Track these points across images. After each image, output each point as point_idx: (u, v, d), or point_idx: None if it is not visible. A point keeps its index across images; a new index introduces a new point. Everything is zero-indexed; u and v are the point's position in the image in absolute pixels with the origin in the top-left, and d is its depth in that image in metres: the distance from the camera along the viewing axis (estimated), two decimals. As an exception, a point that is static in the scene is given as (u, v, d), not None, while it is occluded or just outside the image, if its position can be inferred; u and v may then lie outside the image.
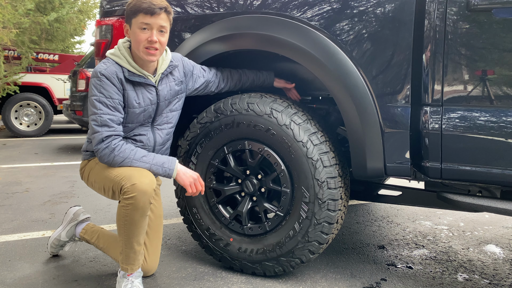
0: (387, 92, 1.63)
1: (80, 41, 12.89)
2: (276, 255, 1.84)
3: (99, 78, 1.61)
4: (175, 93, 1.82)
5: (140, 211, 1.59)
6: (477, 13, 1.47)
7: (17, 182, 3.91)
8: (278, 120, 1.77)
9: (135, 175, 1.58)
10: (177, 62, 1.82)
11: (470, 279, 1.98)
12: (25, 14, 7.51)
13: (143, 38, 1.61)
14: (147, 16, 1.60)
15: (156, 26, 1.62)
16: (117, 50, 1.69)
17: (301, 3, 1.76)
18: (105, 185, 1.67)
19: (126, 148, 1.64)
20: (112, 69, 1.63)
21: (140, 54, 1.64)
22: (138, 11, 1.61)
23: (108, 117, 1.61)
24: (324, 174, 1.72)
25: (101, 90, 1.61)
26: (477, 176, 1.53)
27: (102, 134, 1.60)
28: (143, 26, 1.61)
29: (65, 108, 6.35)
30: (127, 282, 1.68)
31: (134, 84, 1.68)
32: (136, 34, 1.62)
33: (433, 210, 3.09)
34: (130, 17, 1.64)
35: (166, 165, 1.66)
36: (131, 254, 1.67)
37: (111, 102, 1.61)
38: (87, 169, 1.81)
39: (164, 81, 1.77)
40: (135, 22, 1.63)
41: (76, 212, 2.09)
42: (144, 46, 1.62)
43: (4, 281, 1.87)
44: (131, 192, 1.55)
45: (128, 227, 1.61)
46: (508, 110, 1.47)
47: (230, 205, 2.00)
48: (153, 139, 1.79)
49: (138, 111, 1.69)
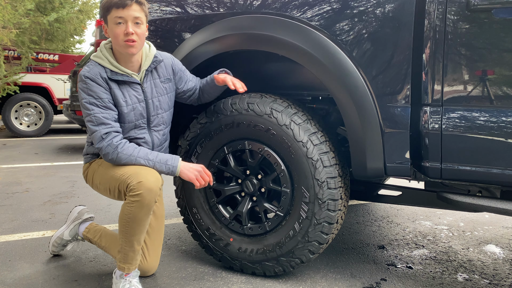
0: (387, 92, 1.63)
1: (80, 41, 12.89)
2: (276, 255, 1.84)
3: (84, 81, 1.65)
4: (163, 91, 1.81)
5: (145, 209, 1.59)
6: (477, 13, 1.47)
7: (17, 182, 3.91)
8: (278, 120, 1.77)
9: (141, 173, 1.60)
10: (162, 58, 1.82)
11: (470, 279, 1.98)
12: (25, 14, 7.51)
13: (119, 32, 1.63)
14: (119, 10, 1.62)
15: (130, 18, 1.63)
16: (99, 51, 1.72)
17: (301, 3, 1.76)
18: (111, 185, 1.68)
19: (130, 146, 1.67)
20: (95, 70, 1.66)
21: (121, 49, 1.66)
22: (110, 7, 1.63)
23: (101, 115, 1.64)
24: (324, 174, 1.72)
25: (88, 92, 1.65)
26: (477, 176, 1.53)
27: (100, 132, 1.63)
28: (117, 20, 1.63)
29: (65, 108, 6.35)
30: (125, 282, 1.68)
31: (119, 83, 1.70)
32: (113, 30, 1.65)
33: (433, 210, 3.09)
34: (105, 15, 1.67)
35: (170, 163, 1.68)
36: (130, 253, 1.67)
37: (100, 102, 1.65)
38: (90, 172, 1.81)
39: (148, 77, 1.77)
40: (110, 18, 1.65)
41: (80, 211, 2.10)
42: (123, 40, 1.64)
43: (4, 281, 1.87)
44: (138, 189, 1.56)
45: (130, 224, 1.62)
46: (508, 110, 1.47)
47: (230, 205, 2.00)
48: (151, 141, 1.80)
49: (127, 110, 1.70)
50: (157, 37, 2.09)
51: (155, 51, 1.81)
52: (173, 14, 2.07)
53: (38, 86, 7.54)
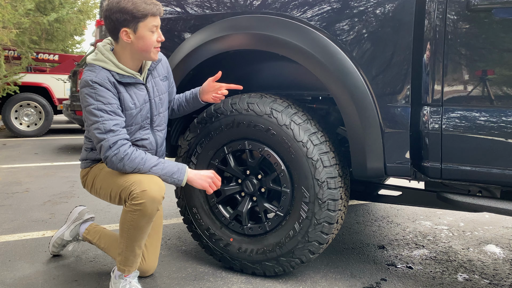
0: (387, 92, 1.63)
1: (80, 41, 12.89)
2: (276, 255, 1.84)
3: (92, 87, 1.57)
4: (162, 89, 1.81)
5: (147, 218, 1.58)
6: (477, 13, 1.47)
7: (17, 182, 3.90)
8: (278, 120, 1.77)
9: (145, 181, 1.57)
10: (160, 57, 1.83)
11: (470, 279, 1.98)
12: (25, 14, 7.51)
13: (154, 40, 1.63)
14: (156, 18, 1.61)
15: (159, 25, 1.65)
16: (100, 54, 1.65)
17: (301, 3, 1.76)
18: (112, 191, 1.65)
19: (136, 156, 1.60)
20: (102, 74, 1.59)
21: (148, 54, 1.65)
22: (146, 14, 1.58)
23: (111, 122, 1.57)
24: (324, 174, 1.72)
25: (97, 98, 1.57)
26: (477, 176, 1.53)
27: (108, 141, 1.57)
28: (153, 28, 1.61)
29: (65, 108, 6.35)
30: (125, 283, 1.68)
31: (126, 86, 1.66)
32: (147, 37, 1.61)
33: (433, 210, 3.08)
34: (137, 21, 1.58)
35: (176, 176, 1.65)
36: (131, 257, 1.67)
37: (110, 107, 1.58)
38: (90, 176, 1.78)
39: (150, 77, 1.77)
40: (144, 25, 1.59)
41: (81, 212, 2.10)
42: (155, 47, 1.64)
43: (4, 281, 1.87)
44: (141, 198, 1.54)
45: (132, 231, 1.61)
46: (508, 110, 1.47)
47: (230, 205, 2.00)
48: (155, 142, 1.79)
49: (135, 112, 1.68)
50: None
51: None
52: (173, 14, 2.08)
53: (38, 86, 7.54)
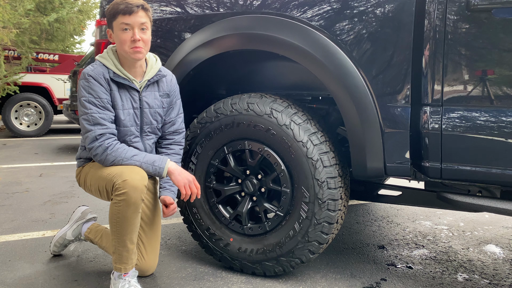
0: (387, 92, 1.63)
1: (80, 41, 12.89)
2: (276, 255, 1.84)
3: (86, 80, 1.67)
4: (160, 104, 1.83)
5: (132, 207, 1.60)
6: (477, 13, 1.47)
7: (17, 182, 3.91)
8: (278, 120, 1.77)
9: (126, 172, 1.62)
10: (166, 74, 1.85)
11: (470, 279, 1.98)
12: (25, 14, 7.50)
13: (126, 38, 1.66)
14: (125, 16, 1.64)
15: (137, 25, 1.66)
16: (105, 53, 1.76)
17: (301, 3, 1.76)
18: (100, 185, 1.70)
19: (119, 147, 1.68)
20: (99, 70, 1.69)
21: (127, 54, 1.68)
22: (116, 13, 1.65)
23: (99, 115, 1.65)
24: (324, 174, 1.72)
25: (89, 91, 1.66)
26: (477, 176, 1.53)
27: (95, 132, 1.65)
28: (124, 26, 1.65)
29: (65, 108, 6.35)
30: (124, 282, 1.68)
31: (119, 86, 1.72)
32: (119, 36, 1.67)
33: (433, 210, 3.09)
34: (111, 21, 1.69)
35: (157, 164, 1.69)
36: (124, 252, 1.67)
37: (99, 101, 1.66)
38: (82, 175, 1.84)
39: (149, 88, 1.80)
40: (116, 24, 1.67)
41: (84, 211, 2.12)
42: (130, 47, 1.66)
43: (4, 281, 1.87)
44: (123, 188, 1.58)
45: (120, 224, 1.63)
46: (508, 110, 1.46)
47: (230, 205, 2.00)
48: (143, 148, 1.82)
49: (123, 114, 1.72)
50: (157, 37, 2.09)
51: (160, 66, 1.85)
52: (173, 14, 2.08)
53: (38, 86, 7.54)
